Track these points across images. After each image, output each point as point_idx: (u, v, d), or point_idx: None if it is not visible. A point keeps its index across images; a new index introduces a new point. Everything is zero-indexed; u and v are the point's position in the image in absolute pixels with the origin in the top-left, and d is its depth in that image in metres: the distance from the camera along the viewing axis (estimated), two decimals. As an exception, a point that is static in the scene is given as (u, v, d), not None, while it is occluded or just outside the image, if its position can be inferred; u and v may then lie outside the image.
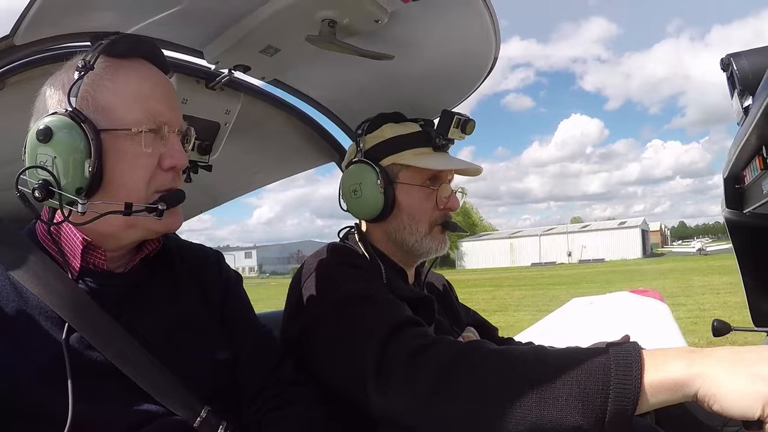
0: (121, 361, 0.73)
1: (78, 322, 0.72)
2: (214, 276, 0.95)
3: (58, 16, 0.88)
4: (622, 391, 0.64)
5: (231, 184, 1.82)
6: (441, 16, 1.08)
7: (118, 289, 0.81)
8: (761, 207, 1.16)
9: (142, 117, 0.76)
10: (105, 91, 0.76)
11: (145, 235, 0.82)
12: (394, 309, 0.91)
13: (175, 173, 0.80)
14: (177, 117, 0.81)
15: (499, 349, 0.77)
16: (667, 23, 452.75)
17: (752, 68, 1.01)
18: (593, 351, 0.69)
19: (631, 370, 0.64)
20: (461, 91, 1.38)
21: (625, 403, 0.63)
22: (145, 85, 0.78)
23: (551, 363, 0.70)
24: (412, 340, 0.81)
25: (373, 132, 1.19)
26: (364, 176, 1.14)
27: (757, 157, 1.06)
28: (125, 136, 0.75)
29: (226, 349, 0.87)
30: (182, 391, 0.77)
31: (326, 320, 0.94)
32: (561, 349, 0.74)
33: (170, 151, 0.78)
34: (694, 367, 0.62)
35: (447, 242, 1.20)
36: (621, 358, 0.66)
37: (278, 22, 0.99)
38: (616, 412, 0.63)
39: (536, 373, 0.69)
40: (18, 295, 0.73)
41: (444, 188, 1.18)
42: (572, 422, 0.65)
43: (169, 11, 0.97)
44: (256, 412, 0.86)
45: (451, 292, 1.44)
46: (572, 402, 0.65)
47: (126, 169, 0.75)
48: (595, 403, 0.64)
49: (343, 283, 0.98)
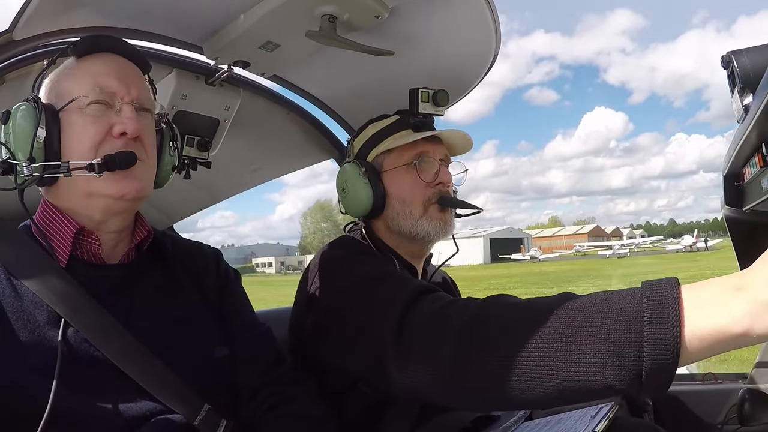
0: (119, 358, 0.73)
1: (74, 318, 0.72)
2: (212, 273, 0.95)
3: (57, 12, 0.88)
4: (659, 341, 0.54)
5: (230, 181, 1.82)
6: (441, 12, 1.08)
7: (113, 280, 0.81)
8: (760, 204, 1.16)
9: (89, 89, 0.80)
10: (65, 78, 0.83)
11: (108, 206, 0.80)
12: (408, 281, 0.90)
13: (127, 140, 0.80)
14: (129, 89, 0.82)
15: (521, 302, 0.71)
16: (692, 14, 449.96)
17: (753, 66, 1.01)
18: (625, 293, 0.60)
19: (668, 315, 0.54)
20: (462, 86, 1.38)
21: (664, 356, 0.54)
22: (97, 64, 0.83)
23: (577, 314, 0.61)
24: (429, 305, 0.79)
25: (359, 135, 1.21)
26: (348, 174, 1.15)
27: (757, 155, 1.06)
28: (75, 110, 0.79)
29: (224, 347, 0.87)
30: (182, 388, 0.77)
31: (342, 303, 0.93)
32: (591, 295, 0.65)
33: (121, 118, 0.80)
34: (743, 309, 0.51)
35: (448, 221, 1.15)
36: (656, 300, 0.56)
37: (278, 17, 0.99)
38: (654, 368, 0.54)
39: (560, 326, 0.61)
40: (14, 291, 0.73)
41: (428, 161, 1.14)
42: (603, 381, 0.57)
43: (169, 6, 0.97)
44: (254, 410, 0.86)
45: (454, 288, 1.43)
46: (601, 358, 0.57)
47: (75, 139, 0.79)
48: (627, 358, 0.55)
49: (355, 266, 0.98)
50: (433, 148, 1.15)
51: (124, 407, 0.73)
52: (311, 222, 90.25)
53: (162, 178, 0.93)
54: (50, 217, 0.81)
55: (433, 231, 1.12)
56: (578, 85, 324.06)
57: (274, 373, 0.90)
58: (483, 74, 1.32)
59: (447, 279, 1.43)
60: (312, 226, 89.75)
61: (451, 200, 1.15)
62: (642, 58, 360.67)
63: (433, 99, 1.16)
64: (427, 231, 1.11)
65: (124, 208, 0.82)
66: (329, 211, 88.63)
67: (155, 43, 1.09)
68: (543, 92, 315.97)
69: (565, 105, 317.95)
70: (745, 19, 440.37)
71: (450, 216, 1.16)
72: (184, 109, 1.21)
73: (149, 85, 0.91)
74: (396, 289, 0.85)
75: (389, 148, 1.14)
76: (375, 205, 1.13)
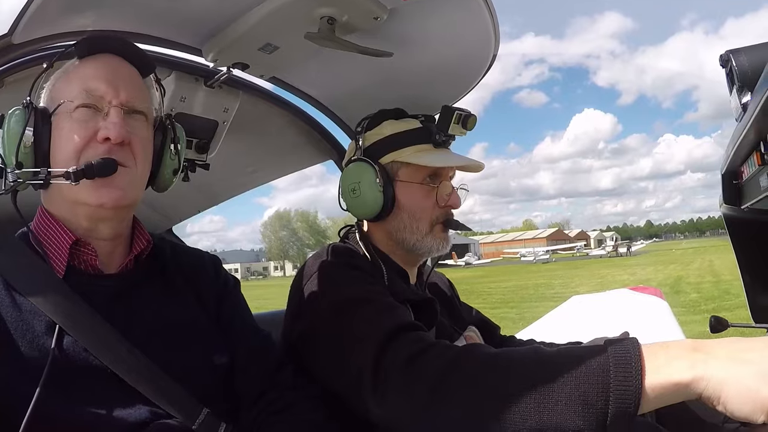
0: (115, 364, 0.73)
1: (71, 326, 0.72)
2: (211, 280, 0.95)
3: (56, 15, 0.88)
4: (623, 392, 0.61)
5: (229, 183, 1.82)
6: (440, 13, 1.08)
7: (110, 289, 0.81)
8: (759, 202, 1.16)
9: (77, 93, 0.79)
10: (59, 82, 0.82)
11: (91, 213, 0.79)
12: (391, 313, 0.90)
13: (110, 145, 0.78)
14: (118, 92, 0.80)
15: (495, 352, 0.76)
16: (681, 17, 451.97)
17: (751, 64, 1.01)
18: (592, 350, 0.67)
19: (631, 369, 0.62)
20: (461, 87, 1.38)
21: (627, 404, 0.61)
22: (89, 68, 0.82)
23: (549, 365, 0.68)
24: (407, 346, 0.80)
25: (373, 129, 1.17)
26: (363, 175, 1.12)
27: (755, 153, 1.06)
28: (64, 114, 0.79)
29: (223, 352, 0.87)
30: (180, 394, 0.76)
31: (324, 324, 0.93)
32: (559, 349, 0.72)
33: (106, 124, 0.78)
34: (697, 369, 0.60)
35: (449, 241, 1.18)
36: (620, 357, 0.64)
37: (277, 19, 0.99)
38: (618, 414, 0.61)
39: (534, 376, 0.67)
40: (11, 299, 0.73)
41: (444, 185, 1.15)
42: (573, 426, 0.63)
43: (168, 9, 0.97)
44: (255, 416, 0.85)
45: (453, 291, 1.43)
46: (572, 405, 0.64)
47: (62, 143, 0.78)
48: (596, 405, 0.62)
49: (342, 285, 0.97)
50: (450, 167, 1.17)
51: (123, 414, 0.72)
52: (270, 231, 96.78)
53: (163, 182, 0.92)
54: (46, 225, 0.81)
55: (435, 248, 1.15)
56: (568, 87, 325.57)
57: (274, 379, 0.89)
58: (482, 74, 1.32)
59: (444, 281, 1.43)
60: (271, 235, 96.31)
61: (456, 223, 1.18)
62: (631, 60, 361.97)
63: (463, 121, 1.17)
64: (430, 248, 1.14)
65: (108, 216, 0.81)
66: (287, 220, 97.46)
67: (154, 46, 1.09)
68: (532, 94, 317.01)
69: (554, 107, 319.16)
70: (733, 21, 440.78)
71: (449, 234, 1.19)
72: (183, 111, 1.21)
73: (154, 85, 0.90)
74: (377, 320, 0.86)
75: (409, 161, 1.13)
76: (382, 212, 1.12)
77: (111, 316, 0.77)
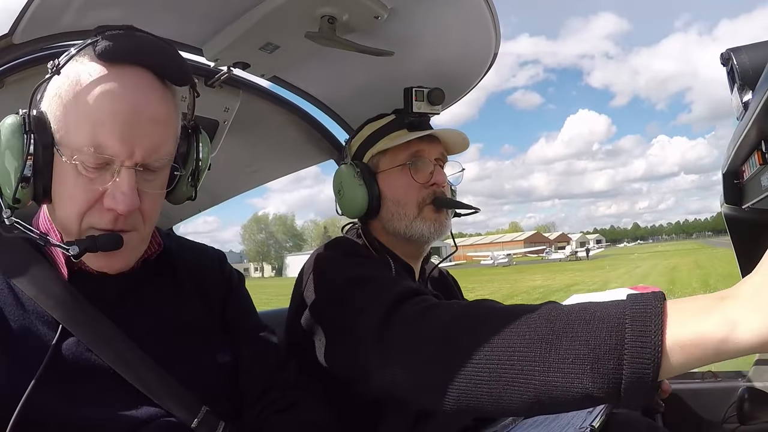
0: (117, 364, 0.73)
1: (73, 325, 0.72)
2: (216, 277, 0.95)
3: (56, 15, 0.87)
4: (640, 350, 0.53)
5: (230, 183, 1.82)
6: (440, 12, 1.08)
7: (115, 291, 0.80)
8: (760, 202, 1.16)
9: (84, 142, 0.67)
10: (69, 104, 0.68)
11: (91, 263, 0.77)
12: (395, 283, 0.89)
13: (116, 215, 0.70)
14: (133, 151, 0.69)
15: (503, 307, 0.72)
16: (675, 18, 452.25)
17: (752, 63, 1.01)
18: (610, 304, 0.60)
19: (650, 324, 0.53)
20: (462, 86, 1.38)
21: (644, 365, 0.53)
22: (105, 105, 0.67)
23: (559, 320, 0.61)
24: (412, 307, 0.78)
25: (356, 135, 1.21)
26: (343, 175, 1.14)
27: (756, 152, 1.06)
28: (69, 158, 0.68)
29: (227, 351, 0.87)
30: (180, 392, 0.76)
31: (326, 306, 0.93)
32: (575, 305, 0.64)
33: (114, 190, 0.69)
34: (727, 316, 0.50)
35: (443, 222, 1.13)
36: (639, 310, 0.55)
37: (278, 18, 0.99)
38: (634, 377, 0.54)
39: (541, 332, 0.61)
40: (15, 299, 0.73)
41: (423, 161, 1.13)
42: (581, 387, 0.56)
43: (168, 9, 0.97)
44: (258, 414, 0.86)
45: (456, 288, 1.43)
46: (580, 364, 0.56)
47: (63, 195, 0.71)
48: (606, 365, 0.55)
49: (343, 269, 0.97)
50: (429, 147, 1.14)
51: (122, 412, 0.72)
52: (248, 234, 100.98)
53: (181, 194, 0.86)
54: (49, 228, 0.79)
55: (428, 232, 1.11)
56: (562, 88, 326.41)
57: (278, 378, 0.89)
58: (483, 73, 1.32)
59: (448, 278, 1.43)
60: (250, 237, 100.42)
61: (446, 201, 1.14)
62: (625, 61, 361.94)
63: (428, 98, 1.15)
64: (422, 232, 1.11)
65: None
66: (265, 223, 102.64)
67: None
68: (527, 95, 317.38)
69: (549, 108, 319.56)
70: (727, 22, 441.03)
71: (445, 216, 1.15)
72: (183, 111, 1.21)
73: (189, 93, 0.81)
74: (382, 291, 0.85)
75: (384, 148, 1.13)
76: (370, 207, 1.12)
77: (115, 315, 0.77)
